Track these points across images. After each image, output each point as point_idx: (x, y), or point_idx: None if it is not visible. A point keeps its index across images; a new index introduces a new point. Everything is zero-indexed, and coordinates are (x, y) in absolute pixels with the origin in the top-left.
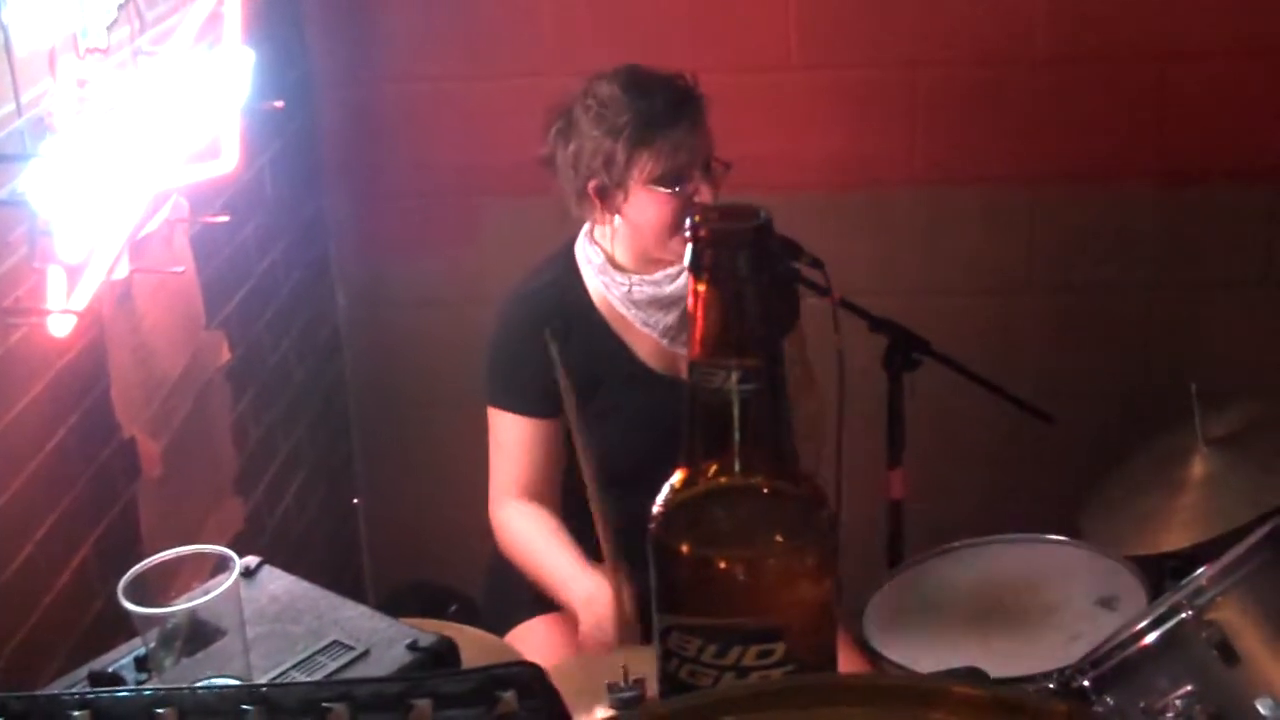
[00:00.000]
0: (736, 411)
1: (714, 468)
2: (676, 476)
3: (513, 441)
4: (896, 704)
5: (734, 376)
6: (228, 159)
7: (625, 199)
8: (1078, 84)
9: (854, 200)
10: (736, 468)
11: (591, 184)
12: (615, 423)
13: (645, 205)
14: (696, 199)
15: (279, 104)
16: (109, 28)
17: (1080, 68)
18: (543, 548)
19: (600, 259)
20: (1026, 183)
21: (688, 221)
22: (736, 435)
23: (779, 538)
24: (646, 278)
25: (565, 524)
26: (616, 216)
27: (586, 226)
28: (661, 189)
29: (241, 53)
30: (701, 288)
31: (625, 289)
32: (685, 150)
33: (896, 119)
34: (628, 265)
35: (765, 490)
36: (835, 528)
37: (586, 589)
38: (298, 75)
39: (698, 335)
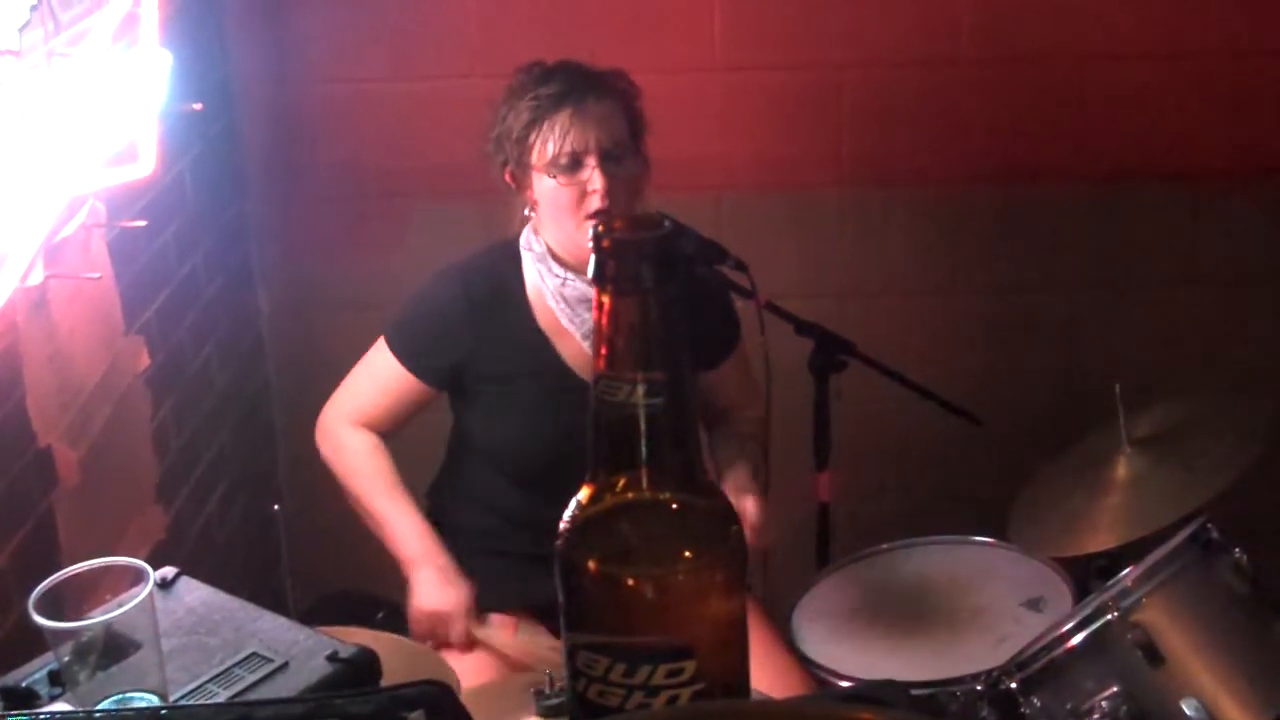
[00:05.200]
0: (643, 426)
1: (621, 483)
2: (583, 492)
3: (383, 381)
4: None
5: (639, 390)
6: (146, 162)
7: (530, 185)
8: (1002, 86)
9: (779, 202)
10: (644, 483)
11: (506, 170)
12: (526, 419)
13: (544, 191)
14: (590, 188)
15: (198, 106)
16: (21, 29)
17: (1004, 70)
18: (383, 491)
19: (541, 248)
20: (951, 184)
21: (590, 230)
22: (643, 450)
23: (688, 553)
24: (583, 275)
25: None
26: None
27: (532, 221)
28: (554, 174)
29: (159, 54)
30: (605, 299)
31: (559, 282)
32: (575, 135)
33: (821, 120)
34: (566, 260)
35: (674, 505)
36: (745, 542)
37: (417, 552)
38: (218, 77)
39: (602, 347)
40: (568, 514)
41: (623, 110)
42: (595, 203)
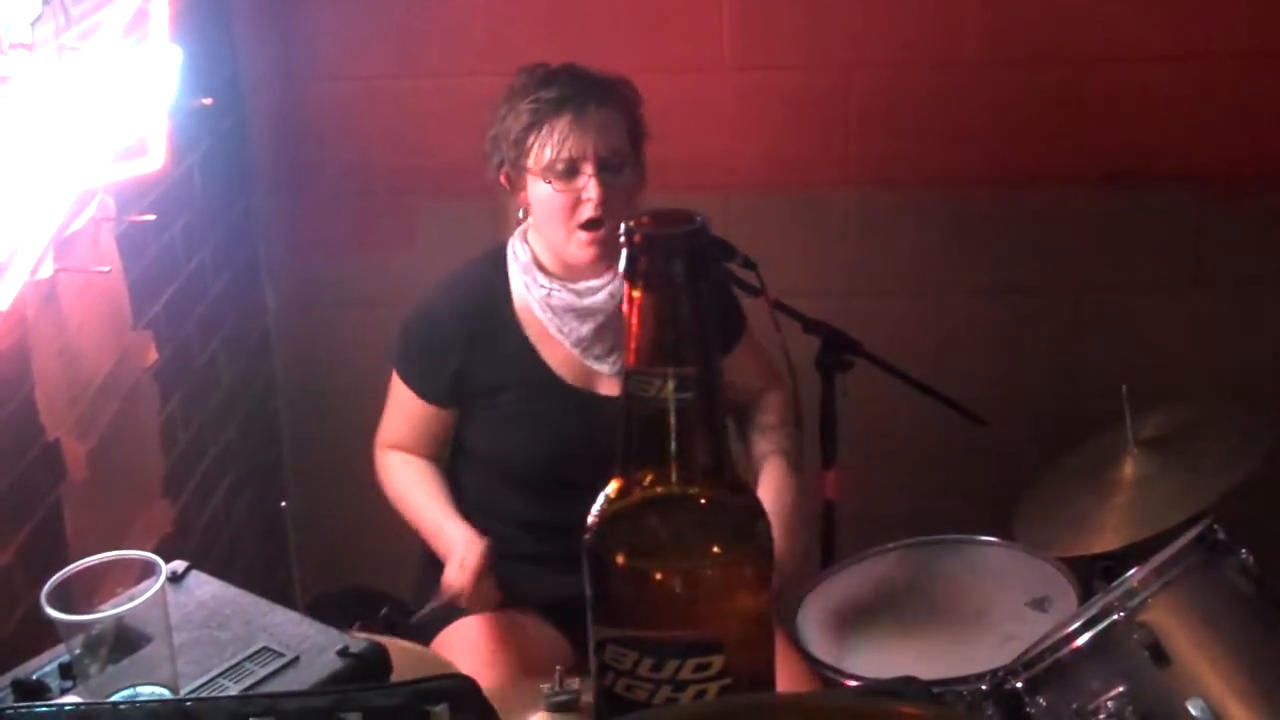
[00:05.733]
0: (672, 420)
1: (650, 477)
2: (611, 486)
3: (404, 411)
4: None
5: (670, 384)
6: (155, 157)
7: (524, 187)
8: (1008, 88)
9: (786, 201)
10: (673, 477)
11: (501, 171)
12: (518, 426)
13: (538, 196)
14: (584, 196)
15: (208, 101)
16: (33, 23)
17: (1010, 71)
18: (421, 496)
19: (527, 258)
20: (957, 185)
21: (622, 226)
22: (673, 444)
23: (716, 548)
24: (569, 285)
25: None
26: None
27: (523, 225)
28: (550, 179)
29: (169, 50)
30: (636, 294)
31: (545, 293)
32: (573, 141)
33: (829, 121)
34: (552, 268)
35: (702, 500)
36: (772, 538)
37: (455, 536)
38: (227, 74)
39: (633, 343)
40: (596, 508)
41: (624, 119)
42: (589, 211)
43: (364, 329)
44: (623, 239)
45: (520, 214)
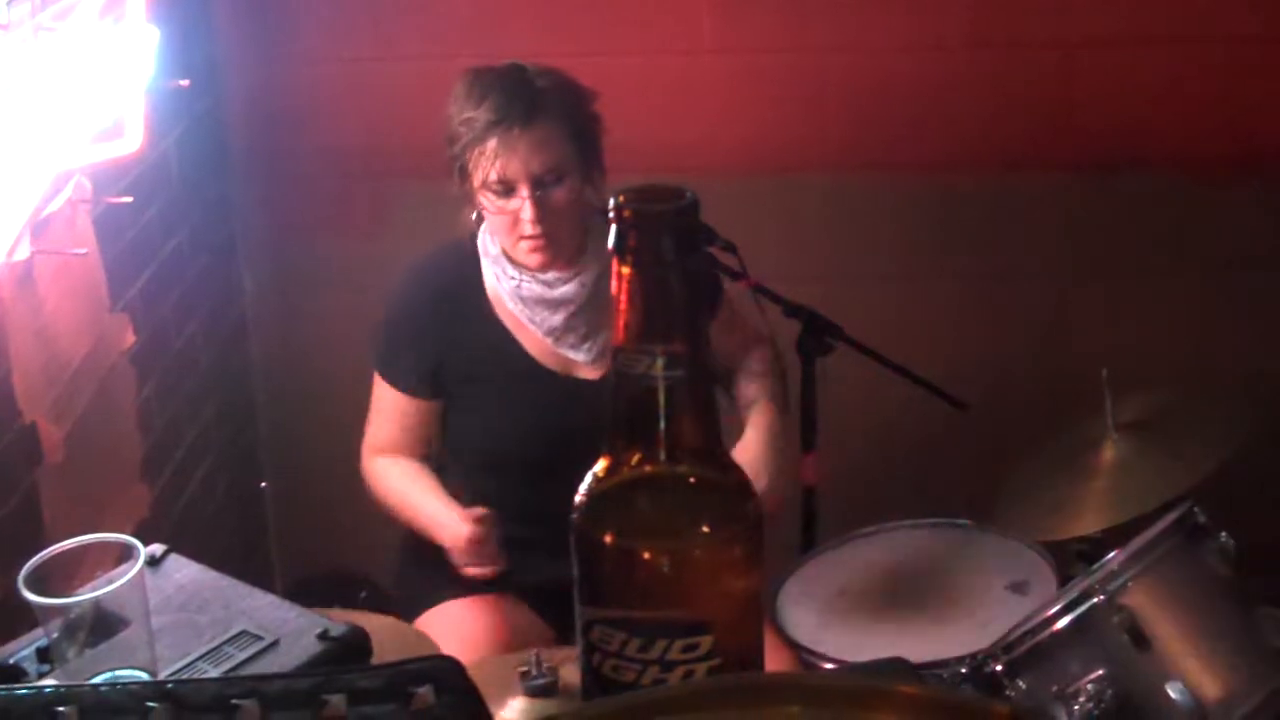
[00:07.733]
0: (661, 398)
1: (638, 456)
2: (600, 465)
3: (388, 411)
4: (837, 704)
5: (659, 363)
6: (132, 139)
7: (474, 197)
8: (990, 71)
9: (766, 185)
10: (661, 456)
11: (455, 176)
12: (498, 413)
13: (484, 208)
14: (521, 215)
15: (185, 83)
16: (9, 3)
17: (993, 55)
18: (414, 493)
19: (496, 250)
20: (939, 169)
21: (611, 201)
22: (661, 423)
23: (705, 528)
24: (538, 276)
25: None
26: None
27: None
28: (487, 198)
29: (146, 30)
30: (625, 271)
31: (515, 284)
32: (503, 163)
33: (809, 104)
34: (520, 262)
35: (691, 479)
36: (762, 517)
37: (455, 524)
38: (204, 55)
39: (621, 320)
40: (584, 487)
41: (563, 128)
42: (527, 229)
43: (342, 312)
44: (611, 215)
45: (474, 216)
